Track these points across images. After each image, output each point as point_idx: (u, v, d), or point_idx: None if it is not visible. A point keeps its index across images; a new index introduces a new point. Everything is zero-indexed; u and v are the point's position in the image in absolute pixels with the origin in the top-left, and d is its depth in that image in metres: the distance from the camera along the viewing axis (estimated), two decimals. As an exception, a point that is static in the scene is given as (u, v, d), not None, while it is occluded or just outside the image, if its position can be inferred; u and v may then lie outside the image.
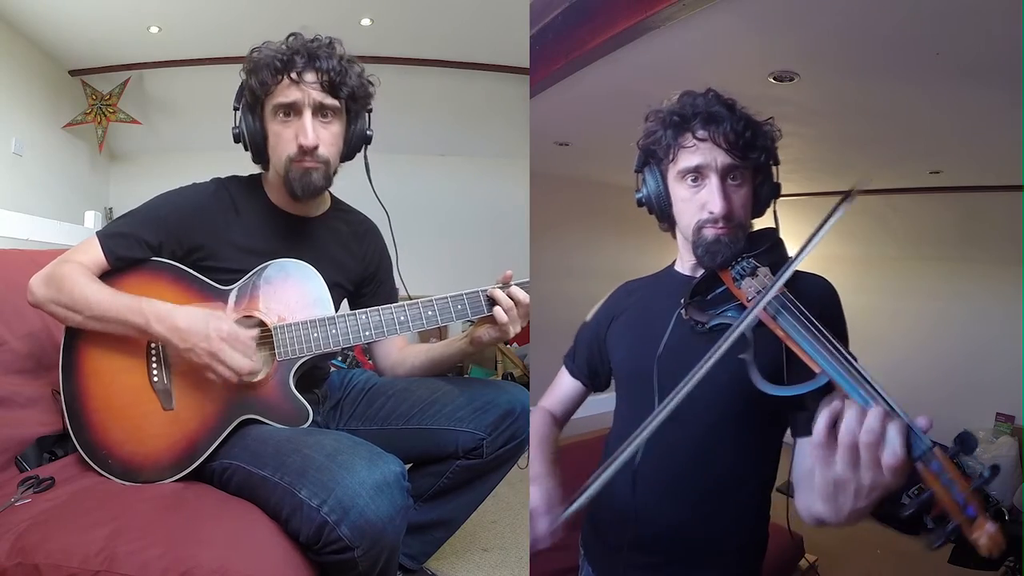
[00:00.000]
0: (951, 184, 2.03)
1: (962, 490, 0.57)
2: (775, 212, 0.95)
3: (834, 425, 0.61)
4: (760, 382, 0.74)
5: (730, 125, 0.87)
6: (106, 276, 1.17)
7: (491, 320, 1.18)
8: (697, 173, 0.89)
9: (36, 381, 1.27)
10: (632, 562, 0.94)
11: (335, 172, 1.25)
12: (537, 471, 0.89)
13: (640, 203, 0.97)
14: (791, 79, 1.39)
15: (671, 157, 0.91)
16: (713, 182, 0.88)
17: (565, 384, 1.11)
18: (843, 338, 0.83)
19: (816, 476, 0.63)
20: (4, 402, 1.19)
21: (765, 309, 0.78)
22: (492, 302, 1.17)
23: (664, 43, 1.29)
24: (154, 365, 1.14)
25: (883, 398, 0.64)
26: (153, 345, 1.14)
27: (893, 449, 0.58)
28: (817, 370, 0.70)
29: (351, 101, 1.21)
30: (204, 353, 1.08)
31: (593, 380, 1.09)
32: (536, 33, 1.32)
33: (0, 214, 2.04)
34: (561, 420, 1.11)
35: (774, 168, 0.93)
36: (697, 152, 0.88)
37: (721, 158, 0.88)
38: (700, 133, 0.88)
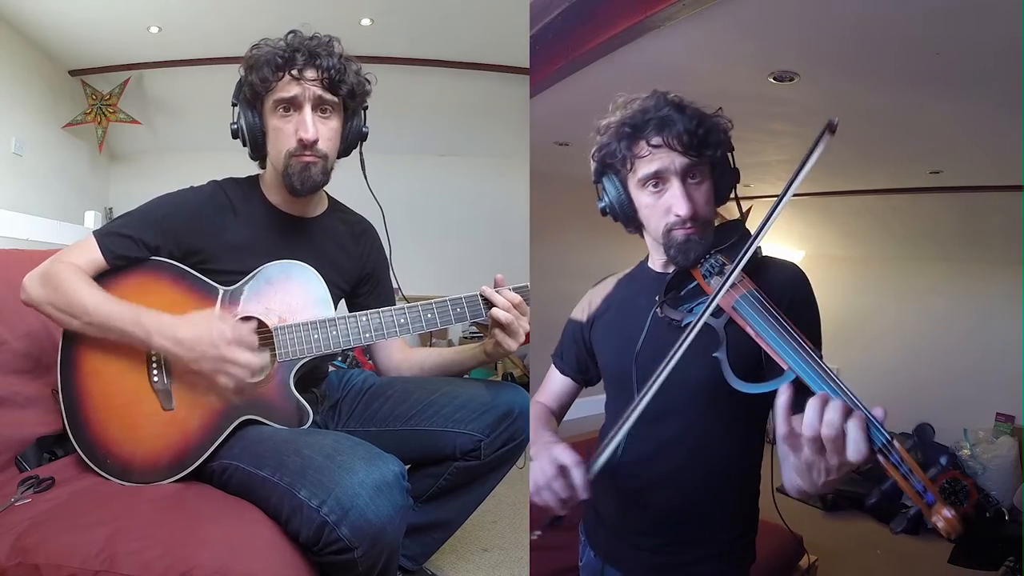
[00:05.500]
0: (951, 184, 2.02)
1: (920, 478, 0.62)
2: (738, 200, 0.96)
3: (795, 412, 0.67)
4: (732, 379, 0.77)
5: (682, 126, 0.88)
6: (105, 276, 1.17)
7: (499, 327, 1.18)
8: (657, 178, 0.91)
9: (36, 381, 1.27)
10: (634, 543, 0.97)
11: (332, 168, 1.25)
12: (546, 439, 0.89)
13: (604, 212, 0.98)
14: (791, 79, 1.39)
15: (629, 167, 0.92)
16: (674, 185, 0.90)
17: (556, 381, 1.13)
18: (813, 325, 0.87)
19: (791, 457, 0.70)
20: (4, 402, 1.19)
21: (735, 307, 0.80)
22: (489, 304, 1.17)
23: (664, 43, 1.29)
24: (154, 365, 1.14)
25: (845, 391, 0.67)
26: (153, 346, 1.14)
27: (856, 444, 0.63)
28: (785, 366, 0.73)
29: (349, 98, 1.23)
30: (215, 359, 1.07)
31: (583, 375, 1.11)
32: (536, 33, 1.32)
33: (0, 214, 2.04)
34: (557, 414, 1.13)
35: (730, 155, 0.94)
36: (654, 159, 0.90)
37: (678, 160, 0.89)
38: (654, 140, 0.89)
